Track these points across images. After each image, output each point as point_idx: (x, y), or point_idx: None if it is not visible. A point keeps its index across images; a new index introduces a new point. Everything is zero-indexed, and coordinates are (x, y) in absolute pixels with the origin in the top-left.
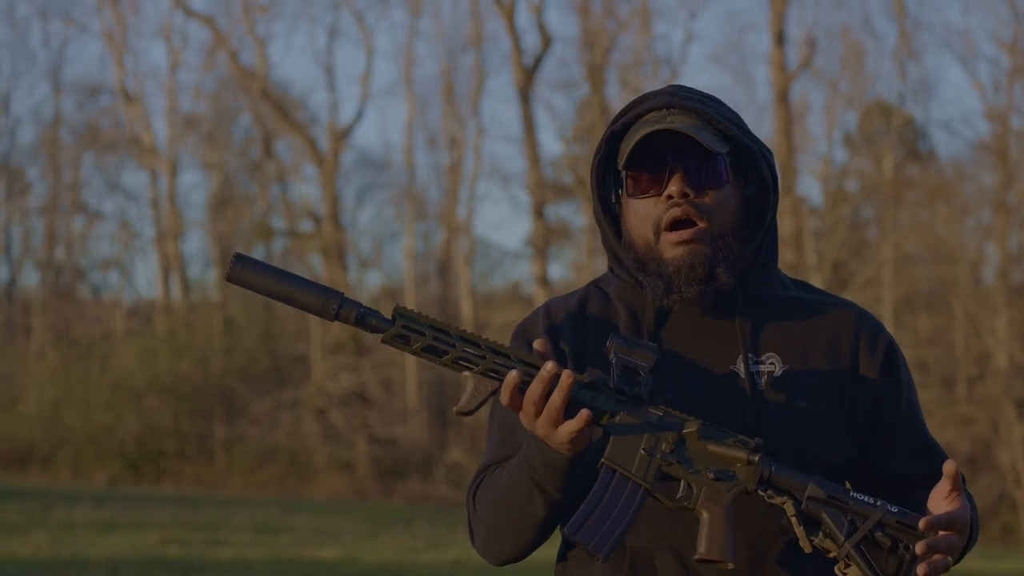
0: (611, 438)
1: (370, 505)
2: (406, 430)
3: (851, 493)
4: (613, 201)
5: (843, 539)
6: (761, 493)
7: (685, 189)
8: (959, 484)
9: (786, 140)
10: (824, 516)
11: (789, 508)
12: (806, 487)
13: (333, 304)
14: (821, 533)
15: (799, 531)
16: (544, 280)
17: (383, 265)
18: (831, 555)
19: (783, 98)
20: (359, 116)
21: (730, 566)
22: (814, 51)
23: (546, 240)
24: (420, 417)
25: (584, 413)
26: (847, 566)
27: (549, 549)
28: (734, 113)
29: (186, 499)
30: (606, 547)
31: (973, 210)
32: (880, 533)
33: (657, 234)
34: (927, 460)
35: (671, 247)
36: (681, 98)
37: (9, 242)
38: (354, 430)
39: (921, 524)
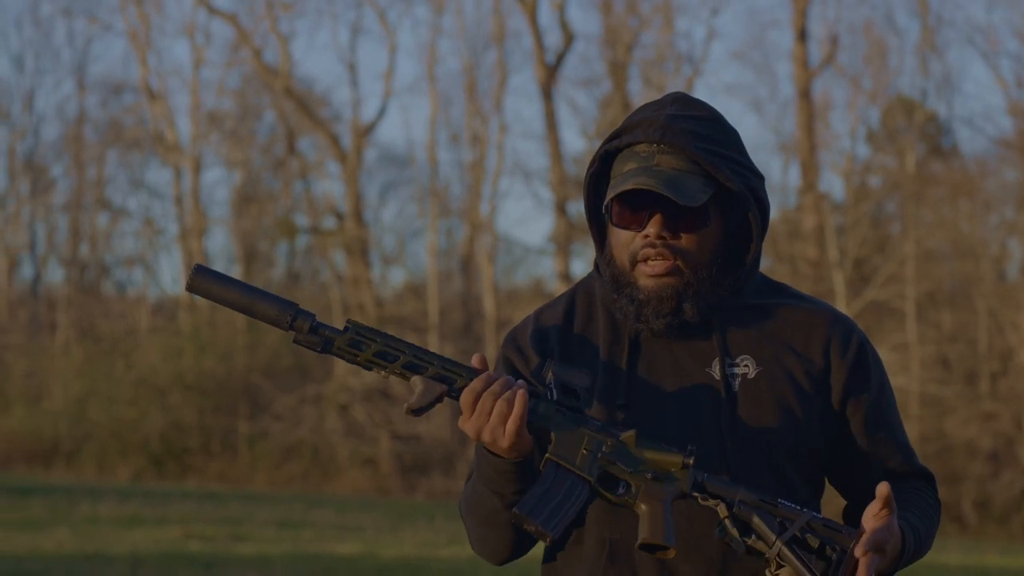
0: (553, 435)
1: (392, 501)
2: (429, 426)
3: (779, 501)
4: (604, 213)
5: (774, 538)
6: (696, 495)
7: (662, 232)
8: (891, 504)
9: (808, 136)
10: (755, 519)
11: (722, 510)
12: (736, 494)
13: (287, 315)
14: (753, 535)
15: (732, 532)
16: (566, 276)
17: (406, 262)
18: (764, 556)
19: (805, 94)
20: (382, 113)
21: (671, 554)
22: (836, 47)
23: (568, 236)
24: (442, 414)
25: (522, 394)
26: (779, 567)
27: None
28: (730, 138)
29: (209, 494)
30: (554, 526)
31: (996, 206)
32: (810, 535)
33: (633, 264)
34: (897, 459)
35: (645, 277)
36: (674, 132)
37: (34, 239)
38: (377, 426)
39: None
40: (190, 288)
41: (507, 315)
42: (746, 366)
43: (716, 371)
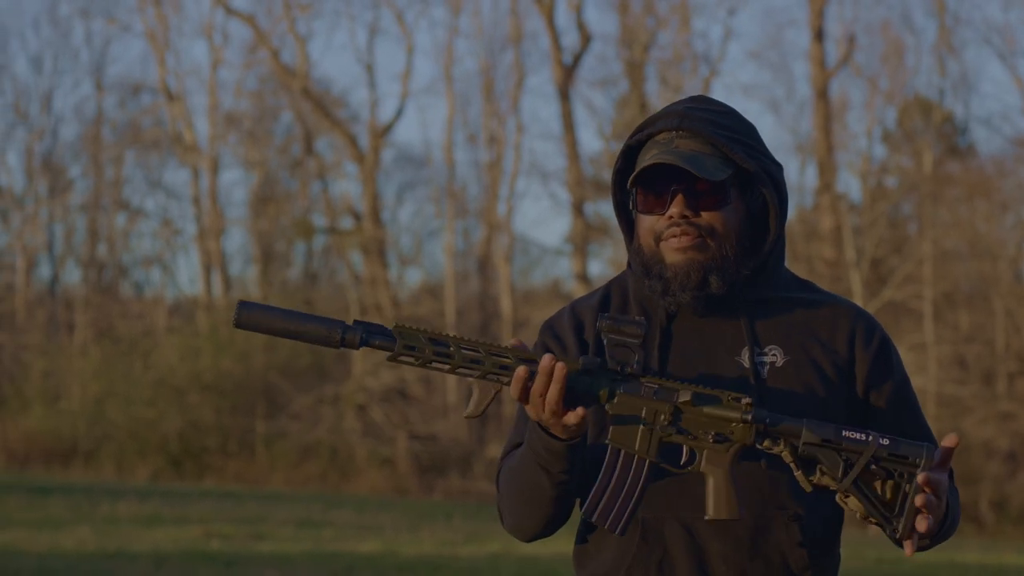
0: (612, 419)
1: (410, 501)
2: (446, 426)
3: (843, 432)
4: (631, 207)
5: (840, 477)
6: (759, 446)
7: (685, 211)
8: (950, 457)
9: (825, 136)
10: (820, 457)
11: (787, 456)
12: (800, 432)
13: (336, 333)
14: (819, 471)
15: (798, 474)
16: (584, 277)
17: (423, 262)
18: (831, 488)
19: (822, 94)
20: (399, 113)
21: (737, 518)
22: (853, 47)
23: (585, 237)
24: (460, 413)
25: (580, 411)
26: (847, 496)
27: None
28: (746, 130)
29: (229, 494)
30: (621, 524)
31: (1013, 206)
32: (874, 466)
33: (658, 243)
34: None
35: (672, 252)
36: (692, 119)
37: (52, 239)
38: (395, 426)
39: (920, 479)
40: (238, 324)
41: (524, 315)
42: (774, 355)
43: (745, 359)
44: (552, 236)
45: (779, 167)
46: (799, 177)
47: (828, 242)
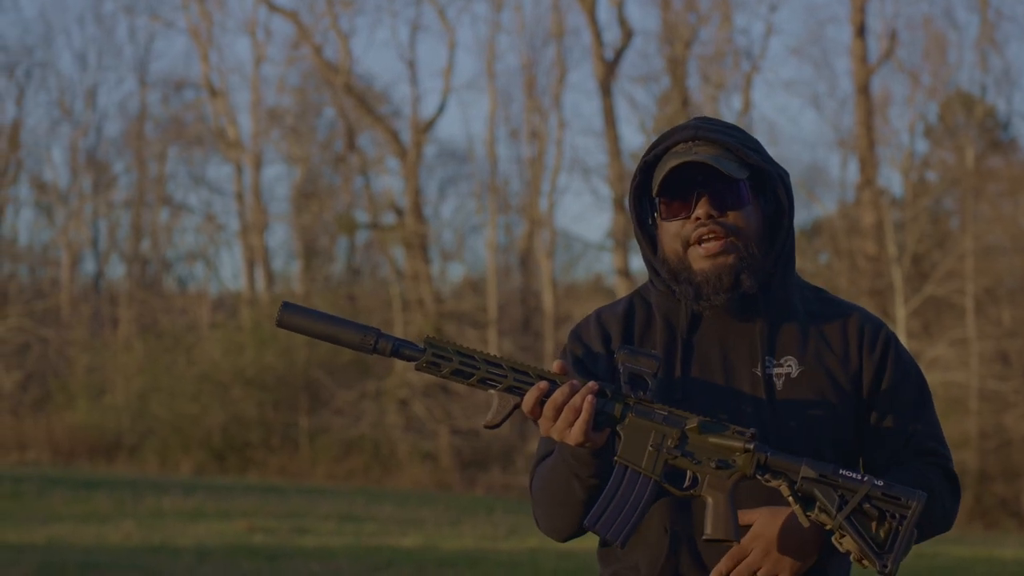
0: (622, 437)
1: (452, 496)
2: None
3: (840, 471)
4: (650, 223)
5: (835, 513)
6: (759, 477)
7: (710, 211)
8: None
9: (867, 132)
10: (817, 493)
11: (784, 489)
12: (799, 468)
13: (370, 339)
14: (816, 508)
15: (796, 508)
16: (626, 272)
17: (465, 257)
18: (827, 527)
19: (864, 90)
20: (441, 109)
21: (734, 543)
22: (895, 43)
23: (627, 232)
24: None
25: (585, 415)
26: (842, 536)
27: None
28: (754, 141)
29: (272, 488)
30: (622, 535)
31: None
32: (868, 505)
33: (686, 247)
34: (917, 439)
35: (700, 259)
36: (705, 130)
37: (96, 235)
38: (437, 421)
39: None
40: (280, 324)
41: (566, 311)
42: (789, 366)
43: (761, 371)
44: (594, 231)
45: (786, 173)
46: (841, 172)
47: (870, 237)
